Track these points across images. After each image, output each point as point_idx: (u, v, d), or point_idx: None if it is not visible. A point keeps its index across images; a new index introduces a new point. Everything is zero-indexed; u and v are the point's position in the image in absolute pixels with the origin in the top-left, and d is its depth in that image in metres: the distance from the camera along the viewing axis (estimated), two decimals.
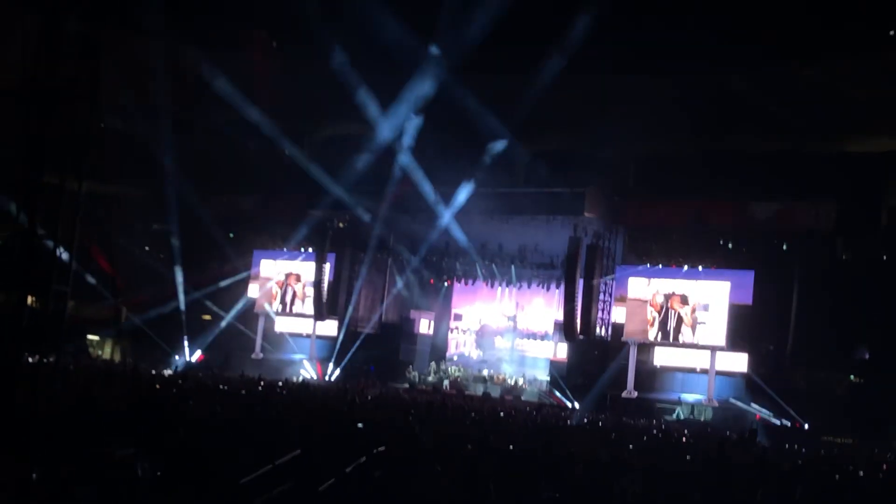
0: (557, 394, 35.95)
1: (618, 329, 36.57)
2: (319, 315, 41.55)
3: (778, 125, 34.66)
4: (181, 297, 40.43)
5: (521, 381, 38.03)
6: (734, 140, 36.22)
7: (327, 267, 41.24)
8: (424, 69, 33.70)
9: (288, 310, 43.40)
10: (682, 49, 31.89)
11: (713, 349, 34.82)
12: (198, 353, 40.61)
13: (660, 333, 35.60)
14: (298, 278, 43.11)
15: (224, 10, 33.48)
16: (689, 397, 35.08)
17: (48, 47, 17.55)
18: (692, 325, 35.11)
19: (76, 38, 17.93)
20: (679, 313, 35.28)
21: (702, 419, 33.47)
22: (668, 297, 35.57)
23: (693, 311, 35.23)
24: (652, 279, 36.04)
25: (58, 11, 17.51)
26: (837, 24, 30.25)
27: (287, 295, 43.38)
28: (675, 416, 34.19)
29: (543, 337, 40.26)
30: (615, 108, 34.77)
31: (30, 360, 17.61)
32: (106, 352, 41.52)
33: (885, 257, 34.07)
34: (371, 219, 39.27)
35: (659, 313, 35.60)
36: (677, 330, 35.31)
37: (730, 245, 36.32)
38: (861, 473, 15.49)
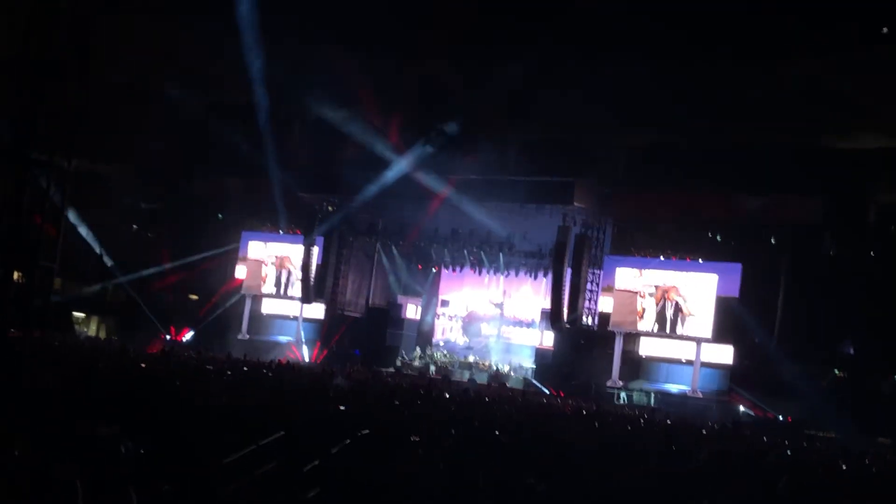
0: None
1: (604, 319, 36.69)
2: (306, 298, 41.53)
3: (767, 119, 34.68)
4: (168, 276, 40.40)
5: (506, 368, 38.10)
6: (724, 133, 36.23)
7: (315, 250, 41.17)
8: (415, 54, 33.62)
9: (283, 292, 43.37)
10: (671, 41, 31.89)
11: (699, 340, 35.00)
12: (188, 334, 40.58)
13: (656, 324, 35.73)
14: (290, 261, 43.09)
15: None
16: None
17: (39, 23, 17.46)
18: (686, 315, 35.28)
19: (67, 15, 17.84)
20: (678, 304, 35.40)
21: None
22: (664, 288, 35.67)
23: (685, 301, 35.42)
24: (640, 270, 36.14)
25: None
26: (828, 20, 30.27)
27: (282, 277, 43.35)
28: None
29: (530, 325, 40.35)
30: (605, 99, 34.76)
31: (15, 335, 17.54)
32: (91, 329, 41.48)
33: (871, 253, 34.17)
34: (360, 203, 39.15)
35: (657, 304, 35.72)
36: (674, 321, 35.45)
37: (718, 237, 36.40)
38: (844, 467, 15.56)
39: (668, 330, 35.69)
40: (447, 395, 22.82)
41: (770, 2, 30.19)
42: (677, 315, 35.43)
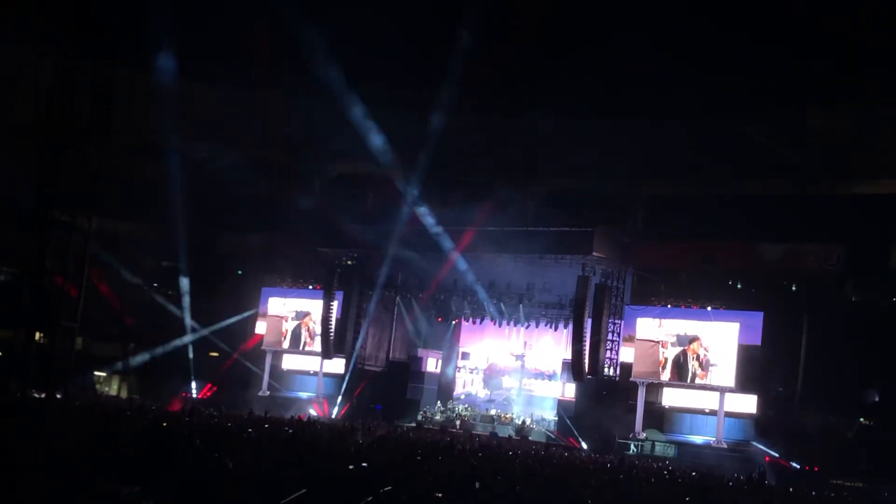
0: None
1: (626, 369, 36.43)
2: (327, 353, 41.42)
3: (787, 167, 34.74)
4: (188, 333, 40.47)
5: (528, 421, 37.83)
6: (743, 182, 36.29)
7: (335, 305, 41.17)
8: (433, 109, 33.81)
9: (303, 347, 43.27)
10: (692, 92, 32.05)
11: (722, 390, 34.66)
12: (205, 388, 40.58)
13: (676, 375, 35.41)
14: (310, 316, 43.07)
15: (237, 50, 33.74)
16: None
17: (61, 87, 17.72)
18: (709, 365, 35.02)
19: (88, 79, 18.12)
20: (702, 356, 35.11)
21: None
22: (686, 338, 35.41)
23: (706, 352, 35.18)
24: (661, 319, 35.95)
25: (71, 52, 17.68)
26: (847, 69, 30.37)
27: (302, 332, 43.25)
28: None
29: (551, 376, 40.10)
30: (625, 150, 34.91)
31: (36, 395, 17.61)
32: (113, 388, 41.48)
33: (894, 299, 33.96)
34: (379, 257, 39.18)
35: (681, 355, 35.42)
36: (697, 371, 35.16)
37: (739, 286, 36.24)
38: None
39: (688, 380, 35.37)
40: (469, 450, 22.70)
41: (788, 53, 30.35)
42: (699, 365, 35.17)
